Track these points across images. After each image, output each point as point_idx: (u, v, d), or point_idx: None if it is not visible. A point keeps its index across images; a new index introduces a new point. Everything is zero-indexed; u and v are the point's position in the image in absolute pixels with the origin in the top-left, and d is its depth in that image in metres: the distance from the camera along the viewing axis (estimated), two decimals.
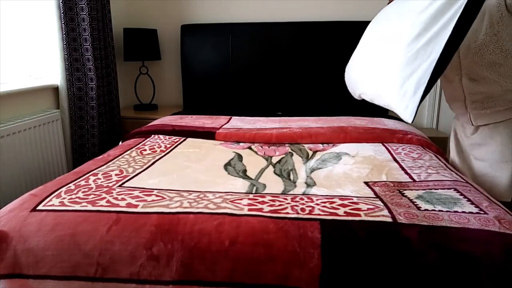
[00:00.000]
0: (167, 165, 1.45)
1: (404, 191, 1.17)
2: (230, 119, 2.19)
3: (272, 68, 2.69)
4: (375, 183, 1.26)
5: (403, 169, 1.39)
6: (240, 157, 1.57)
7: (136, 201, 1.10)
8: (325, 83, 2.65)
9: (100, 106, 2.40)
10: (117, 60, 2.69)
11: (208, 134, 1.86)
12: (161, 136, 1.85)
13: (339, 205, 1.07)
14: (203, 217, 1.01)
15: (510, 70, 1.29)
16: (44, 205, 1.09)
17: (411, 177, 1.30)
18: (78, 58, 2.29)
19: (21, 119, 1.97)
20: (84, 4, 2.22)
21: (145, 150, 1.63)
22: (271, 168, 1.44)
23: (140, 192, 1.16)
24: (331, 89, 2.66)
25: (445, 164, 1.45)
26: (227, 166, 1.46)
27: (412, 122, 1.21)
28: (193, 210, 1.04)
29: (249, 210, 1.03)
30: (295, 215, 1.00)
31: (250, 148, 1.70)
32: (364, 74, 1.51)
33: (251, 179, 1.32)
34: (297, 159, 1.54)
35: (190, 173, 1.37)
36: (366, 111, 2.43)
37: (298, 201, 1.09)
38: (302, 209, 1.04)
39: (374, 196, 1.14)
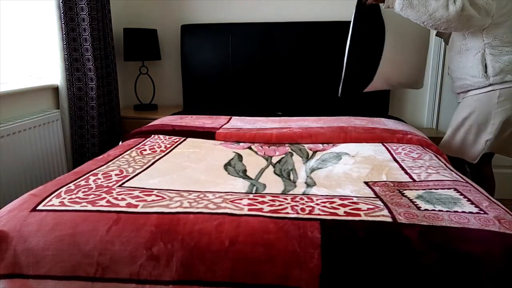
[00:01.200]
0: (167, 165, 1.45)
1: (404, 191, 1.17)
2: (230, 119, 2.19)
3: (272, 68, 2.69)
4: (375, 183, 1.26)
5: (403, 169, 1.39)
6: (240, 157, 1.57)
7: (136, 201, 1.10)
8: (325, 83, 2.65)
9: (100, 106, 2.40)
10: (117, 60, 2.69)
11: (208, 134, 1.86)
12: (161, 136, 1.85)
13: (339, 205, 1.07)
14: (203, 217, 1.01)
15: (452, 62, 1.91)
16: (44, 205, 1.09)
17: (411, 177, 1.31)
18: (78, 58, 2.29)
19: (21, 119, 1.97)
20: (84, 4, 2.22)
21: (145, 150, 1.63)
22: (271, 168, 1.44)
23: (140, 192, 1.16)
24: (331, 89, 2.65)
25: (445, 164, 1.46)
26: (227, 166, 1.46)
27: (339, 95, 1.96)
28: (193, 210, 1.04)
29: (249, 210, 1.04)
30: (295, 215, 1.00)
31: (250, 148, 1.70)
32: None
33: (251, 179, 1.32)
34: (297, 159, 1.54)
35: (190, 173, 1.37)
36: (366, 111, 2.43)
37: (298, 201, 1.09)
38: (302, 209, 1.04)
39: (374, 196, 1.14)
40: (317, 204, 1.07)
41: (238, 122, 2.08)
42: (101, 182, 1.25)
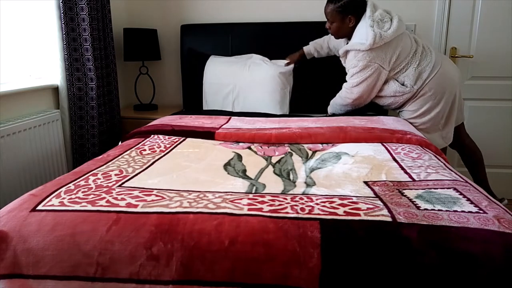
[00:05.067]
0: (166, 165, 1.46)
1: (404, 191, 1.17)
2: (229, 119, 2.18)
3: None
4: (374, 182, 1.26)
5: (402, 168, 1.39)
6: (239, 157, 1.57)
7: (136, 201, 1.10)
8: (325, 83, 2.65)
9: (100, 106, 2.40)
10: (117, 60, 2.69)
11: (207, 134, 1.86)
12: (160, 136, 1.85)
13: (338, 204, 1.07)
14: (203, 217, 1.01)
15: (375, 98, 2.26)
16: (43, 205, 1.09)
17: (410, 176, 1.31)
18: (78, 58, 2.29)
19: (21, 119, 1.97)
20: (84, 4, 2.23)
21: (144, 150, 1.63)
22: (270, 168, 1.44)
23: (139, 192, 1.16)
24: (330, 89, 2.65)
25: (444, 164, 1.46)
26: (226, 166, 1.46)
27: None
28: (193, 210, 1.04)
29: (249, 210, 1.04)
30: (295, 215, 1.01)
31: (249, 148, 1.70)
32: None
33: (250, 179, 1.32)
34: (296, 159, 1.54)
35: (190, 173, 1.38)
36: (366, 112, 2.43)
37: (297, 201, 1.09)
38: (302, 209, 1.04)
39: (374, 195, 1.14)
40: (317, 204, 1.07)
41: (238, 122, 2.08)
42: (101, 182, 1.25)
